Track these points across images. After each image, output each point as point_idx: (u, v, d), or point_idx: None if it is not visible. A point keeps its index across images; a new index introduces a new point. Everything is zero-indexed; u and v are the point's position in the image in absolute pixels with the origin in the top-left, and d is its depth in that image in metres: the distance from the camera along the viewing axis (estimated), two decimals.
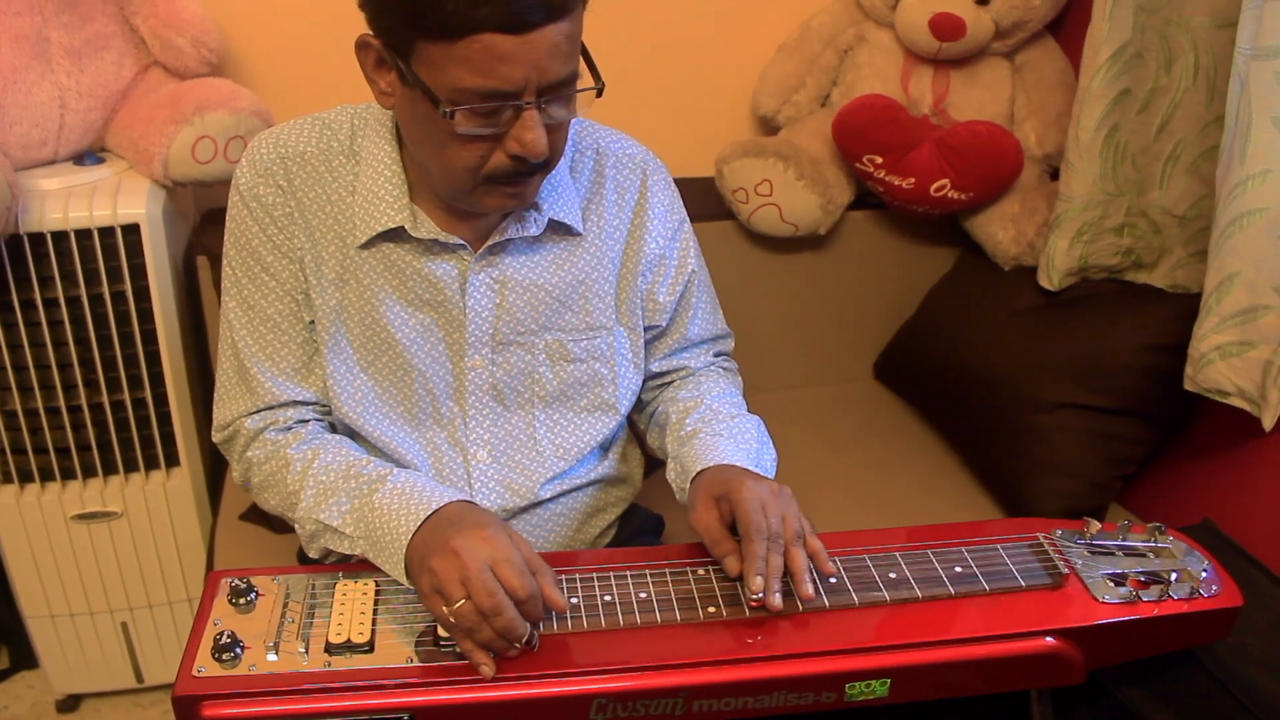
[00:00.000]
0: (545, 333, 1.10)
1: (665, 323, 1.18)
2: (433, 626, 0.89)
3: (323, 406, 1.10)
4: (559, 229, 1.09)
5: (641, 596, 0.93)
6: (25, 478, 1.48)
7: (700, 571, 0.96)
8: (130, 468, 1.51)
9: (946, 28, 1.59)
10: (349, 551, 0.98)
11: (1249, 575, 1.17)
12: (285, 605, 0.92)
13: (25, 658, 1.75)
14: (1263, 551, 1.22)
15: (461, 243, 1.04)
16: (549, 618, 0.90)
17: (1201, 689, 1.05)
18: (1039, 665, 0.93)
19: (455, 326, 1.07)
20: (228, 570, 0.95)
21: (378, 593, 0.93)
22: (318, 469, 1.02)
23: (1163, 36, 1.44)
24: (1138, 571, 0.98)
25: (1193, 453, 1.56)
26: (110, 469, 1.50)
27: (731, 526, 0.96)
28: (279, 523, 1.44)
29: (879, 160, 1.63)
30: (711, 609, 0.92)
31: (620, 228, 1.14)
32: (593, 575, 0.95)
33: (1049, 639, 0.92)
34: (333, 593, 0.93)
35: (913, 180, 1.62)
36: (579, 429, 1.14)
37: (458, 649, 0.87)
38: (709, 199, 1.72)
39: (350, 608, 0.91)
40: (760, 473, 1.04)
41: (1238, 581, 0.99)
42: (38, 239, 1.33)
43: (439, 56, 0.87)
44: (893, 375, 1.86)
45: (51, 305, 1.37)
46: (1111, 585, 0.96)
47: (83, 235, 1.34)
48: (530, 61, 0.87)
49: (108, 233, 1.36)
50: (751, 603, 0.91)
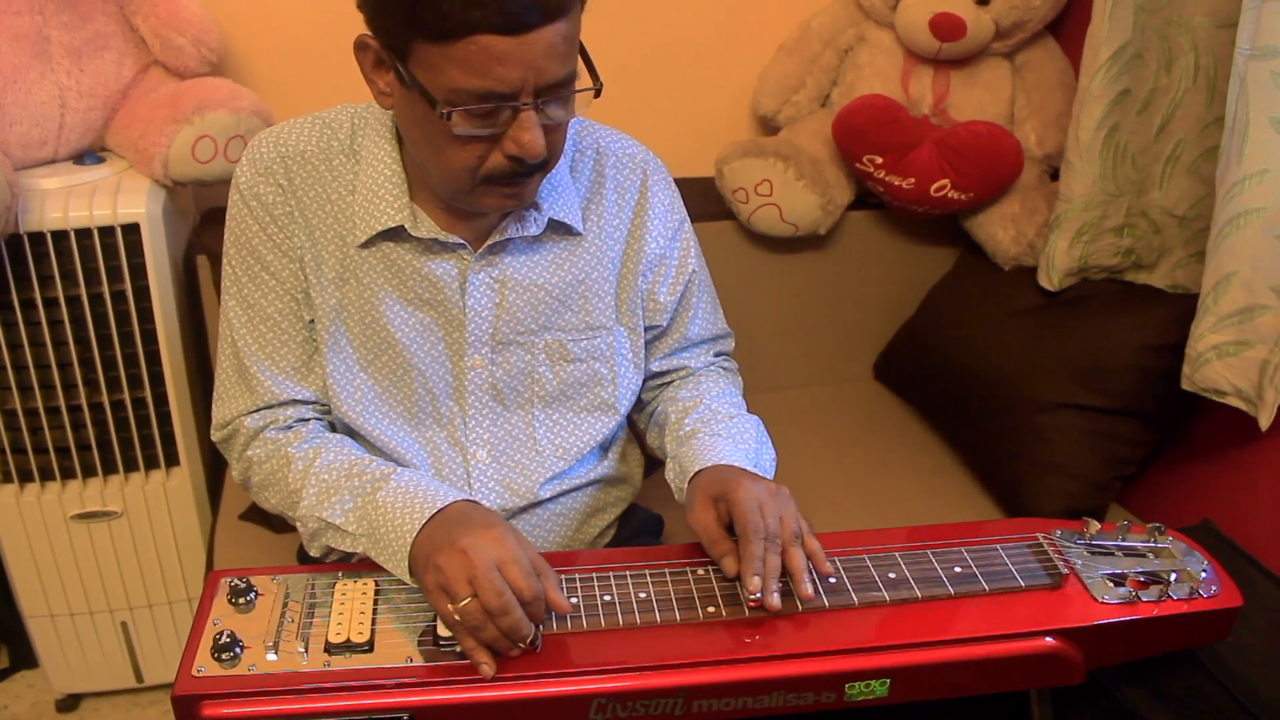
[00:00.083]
0: (545, 332, 1.10)
1: (666, 322, 1.18)
2: (433, 626, 0.89)
3: (322, 406, 1.10)
4: (559, 229, 1.09)
5: (641, 596, 0.93)
6: (25, 477, 1.48)
7: (700, 571, 0.96)
8: (130, 467, 1.51)
9: (947, 28, 1.59)
10: (351, 550, 0.98)
11: (1248, 575, 1.17)
12: (285, 605, 0.92)
13: (25, 657, 1.75)
14: (1262, 552, 1.22)
15: (461, 242, 1.04)
16: (549, 617, 0.90)
17: (1201, 689, 1.05)
18: (1039, 665, 0.93)
19: (455, 326, 1.07)
20: (227, 570, 0.95)
21: (377, 592, 0.93)
22: (320, 467, 1.02)
23: (1163, 37, 1.44)
24: (1137, 572, 0.98)
25: (1192, 453, 1.56)
26: (110, 469, 1.50)
27: (730, 526, 0.96)
28: (279, 522, 1.44)
29: (879, 160, 1.63)
30: (711, 609, 0.92)
31: (620, 227, 1.14)
32: (592, 575, 0.95)
33: (1048, 639, 0.92)
34: (332, 592, 0.93)
35: (913, 180, 1.62)
36: (579, 429, 1.14)
37: (458, 649, 0.87)
38: (709, 199, 1.72)
39: (350, 607, 0.91)
40: (759, 473, 1.04)
41: (1237, 582, 0.99)
42: (38, 238, 1.33)
43: (436, 57, 0.87)
44: (893, 375, 1.86)
45: (51, 305, 1.37)
46: (1111, 585, 0.96)
47: (83, 235, 1.34)
48: (527, 62, 0.87)
49: (108, 232, 1.36)
50: (750, 603, 0.91)
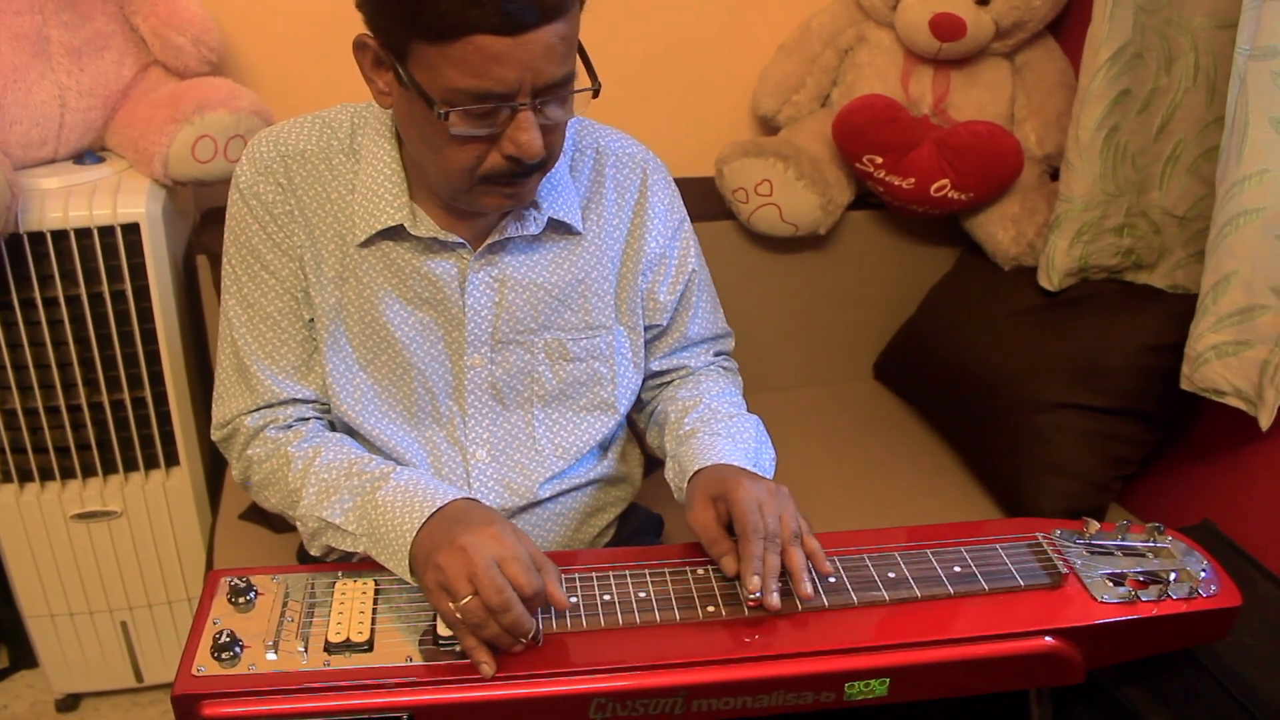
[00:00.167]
0: (544, 332, 1.10)
1: (665, 322, 1.18)
2: (433, 625, 0.89)
3: (322, 405, 1.10)
4: (559, 228, 1.09)
5: (641, 596, 0.93)
6: (25, 477, 1.48)
7: (699, 571, 0.96)
8: (130, 467, 1.51)
9: (947, 28, 1.59)
10: (351, 549, 0.98)
11: (1248, 575, 1.17)
12: (284, 604, 0.91)
13: (25, 657, 1.75)
14: (1262, 552, 1.22)
15: (461, 241, 1.04)
16: (549, 616, 0.90)
17: (1201, 689, 1.05)
18: (1038, 665, 0.93)
19: (454, 325, 1.07)
20: (227, 569, 0.95)
21: (377, 592, 0.93)
22: (319, 466, 1.02)
23: (1163, 37, 1.44)
24: (1137, 571, 0.98)
25: (1192, 453, 1.56)
26: (110, 468, 1.50)
27: (729, 526, 0.96)
28: (279, 522, 1.44)
29: (879, 160, 1.63)
30: (711, 608, 0.92)
31: (620, 227, 1.14)
32: (592, 575, 0.95)
33: (1048, 639, 0.92)
34: (332, 592, 0.93)
35: (913, 180, 1.62)
36: (578, 428, 1.14)
37: (457, 648, 0.87)
38: (709, 199, 1.72)
39: (349, 607, 0.91)
40: (758, 472, 1.04)
41: (1237, 582, 0.99)
42: (38, 238, 1.33)
43: (434, 58, 0.87)
44: (893, 375, 1.86)
45: (51, 304, 1.37)
46: (1110, 585, 0.96)
47: (82, 234, 1.34)
48: (524, 63, 0.87)
49: (107, 232, 1.36)
50: (750, 602, 0.91)
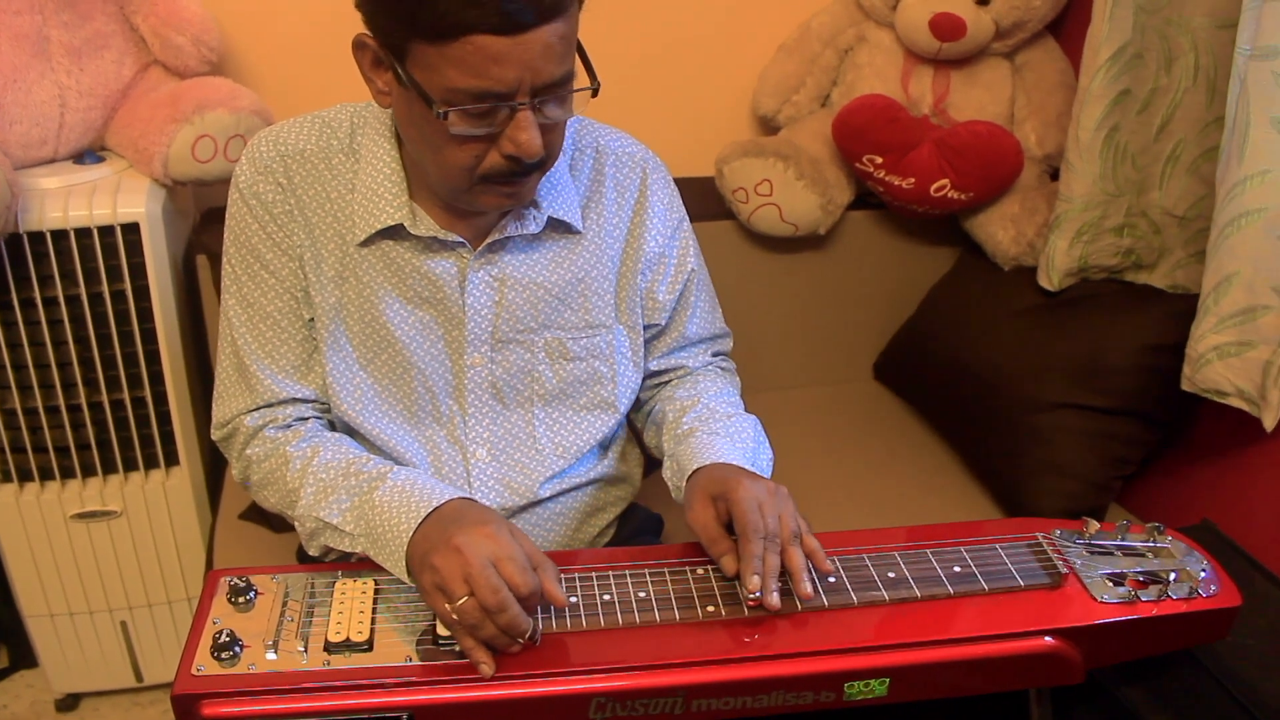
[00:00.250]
0: (544, 331, 1.10)
1: (664, 321, 1.18)
2: (432, 625, 0.89)
3: (322, 404, 1.10)
4: (558, 227, 1.09)
5: (640, 596, 0.93)
6: (25, 477, 1.48)
7: (699, 571, 0.96)
8: (130, 467, 1.51)
9: (947, 28, 1.59)
10: (349, 549, 0.98)
11: (1248, 575, 1.17)
12: (284, 604, 0.91)
13: (24, 657, 1.75)
14: (1262, 552, 1.22)
15: (461, 240, 1.04)
16: (549, 616, 0.90)
17: (1201, 689, 1.05)
18: (1038, 665, 0.92)
19: (454, 324, 1.07)
20: (227, 569, 0.94)
21: (377, 591, 0.93)
22: (317, 466, 1.02)
23: (1163, 37, 1.44)
24: (1136, 571, 0.98)
25: (1192, 453, 1.56)
26: (110, 468, 1.50)
27: (728, 525, 0.96)
28: (278, 522, 1.44)
29: (879, 160, 1.63)
30: (710, 608, 0.92)
31: (620, 226, 1.14)
32: (592, 574, 0.95)
33: (1048, 639, 0.91)
34: (332, 591, 0.93)
35: (913, 180, 1.62)
36: (578, 427, 1.14)
37: (457, 648, 0.87)
38: (709, 199, 1.72)
39: (349, 606, 0.91)
40: (757, 472, 1.04)
41: (1237, 582, 0.98)
42: (37, 238, 1.33)
43: (433, 57, 0.87)
44: (892, 375, 1.86)
45: (51, 304, 1.37)
46: (1110, 585, 0.96)
47: (82, 234, 1.34)
48: (523, 62, 0.87)
49: (107, 232, 1.36)
50: (749, 602, 0.91)
